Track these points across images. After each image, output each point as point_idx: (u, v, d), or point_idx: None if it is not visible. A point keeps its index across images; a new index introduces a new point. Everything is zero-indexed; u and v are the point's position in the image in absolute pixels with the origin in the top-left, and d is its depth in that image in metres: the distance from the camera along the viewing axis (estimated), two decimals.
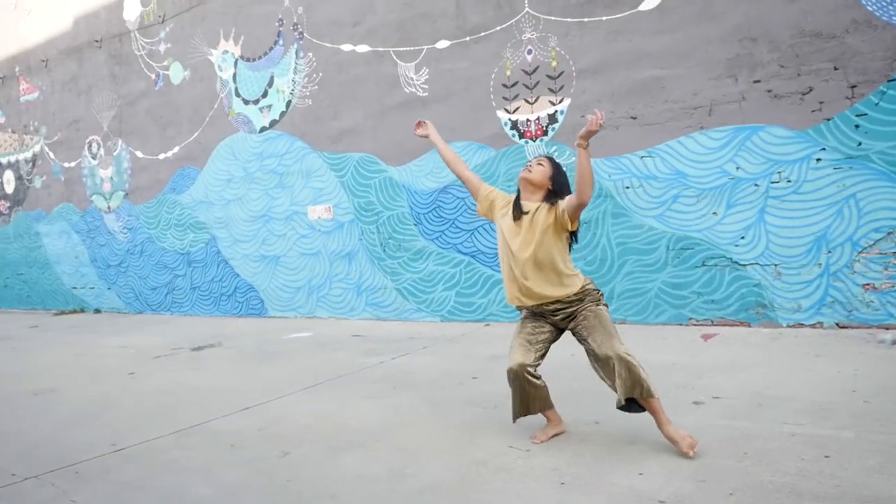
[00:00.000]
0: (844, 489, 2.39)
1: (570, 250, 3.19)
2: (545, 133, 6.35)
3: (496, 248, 6.64)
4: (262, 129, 8.53)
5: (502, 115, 6.60)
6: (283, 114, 8.31)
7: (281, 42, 8.27)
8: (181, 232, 9.58)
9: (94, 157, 10.68)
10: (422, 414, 3.75)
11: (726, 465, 2.69)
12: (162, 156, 9.75)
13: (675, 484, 2.55)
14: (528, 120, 6.44)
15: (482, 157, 6.74)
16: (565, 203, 3.03)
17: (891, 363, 4.05)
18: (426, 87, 7.10)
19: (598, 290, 3.20)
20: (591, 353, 3.05)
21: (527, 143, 6.46)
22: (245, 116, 8.70)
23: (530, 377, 3.12)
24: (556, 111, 6.28)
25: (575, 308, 3.12)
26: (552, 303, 3.12)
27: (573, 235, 3.16)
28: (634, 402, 2.94)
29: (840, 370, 3.97)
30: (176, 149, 9.56)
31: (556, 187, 3.15)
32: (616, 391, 2.95)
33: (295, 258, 8.32)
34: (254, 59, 8.56)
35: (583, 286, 3.14)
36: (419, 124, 3.56)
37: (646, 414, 3.33)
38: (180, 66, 9.43)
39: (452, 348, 5.62)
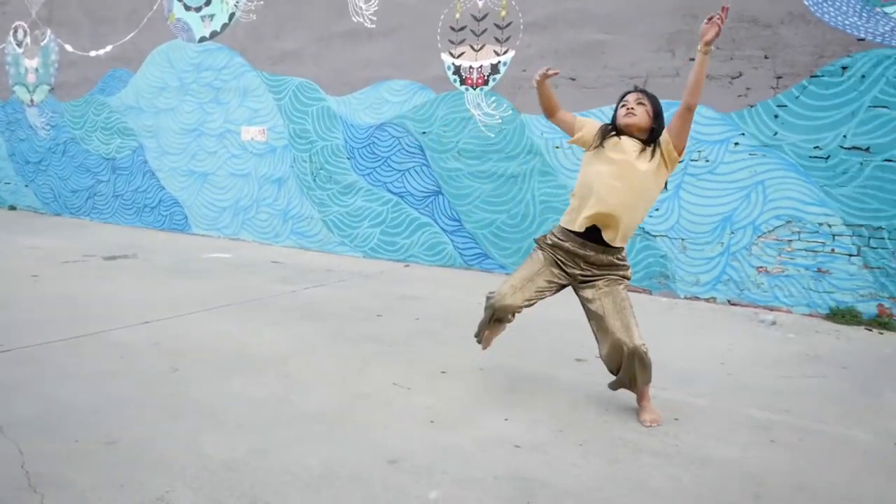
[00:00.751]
0: (680, 449, 2.64)
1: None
2: (486, 83, 6.35)
3: (425, 191, 6.71)
4: (202, 39, 8.19)
5: (447, 59, 6.55)
6: (224, 26, 7.99)
7: None
8: (108, 136, 9.21)
9: (19, 45, 10.04)
10: (320, 344, 3.85)
11: (586, 419, 2.91)
12: (93, 53, 9.25)
13: (536, 431, 2.76)
14: (471, 67, 6.41)
15: (422, 99, 6.71)
16: (665, 132, 2.84)
17: (763, 342, 4.38)
18: (374, 18, 6.95)
19: (629, 266, 3.04)
20: (602, 331, 2.93)
21: (467, 90, 6.45)
22: (185, 23, 8.32)
23: (504, 321, 3.13)
24: (500, 62, 6.27)
25: (601, 272, 2.95)
26: (601, 251, 2.92)
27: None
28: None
29: (717, 343, 4.28)
30: (109, 48, 9.08)
31: (658, 125, 2.89)
32: (613, 372, 2.97)
33: (224, 177, 8.16)
34: None
35: (624, 254, 3.00)
36: (538, 77, 2.98)
37: (526, 367, 3.53)
38: None
39: (367, 284, 5.72)
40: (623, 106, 2.94)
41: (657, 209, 5.61)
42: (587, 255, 2.94)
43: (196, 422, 2.69)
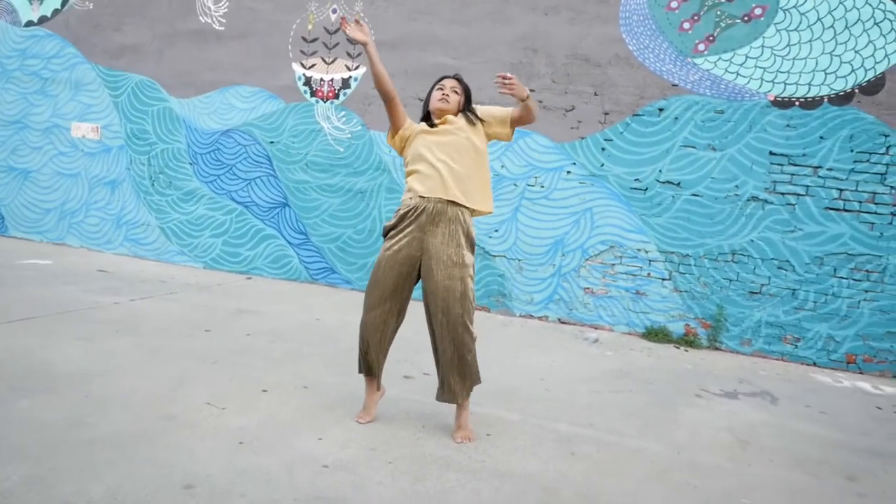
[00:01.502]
0: (486, 464, 2.74)
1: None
2: (336, 96, 6.33)
3: (271, 202, 6.54)
4: (29, 24, 7.48)
5: (298, 69, 6.45)
6: (56, 12, 7.35)
7: None
8: None
9: None
10: (132, 362, 3.61)
11: (401, 437, 2.94)
12: None
13: (348, 450, 2.75)
14: (321, 79, 6.36)
15: (271, 108, 6.55)
16: (508, 113, 3.01)
17: (583, 359, 4.68)
18: (224, 20, 6.70)
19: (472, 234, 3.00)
20: (434, 315, 2.94)
21: (317, 102, 6.39)
22: (9, 4, 7.55)
23: (372, 361, 3.04)
24: (351, 77, 6.28)
25: (446, 243, 2.89)
26: (455, 204, 2.91)
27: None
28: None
29: (542, 360, 4.51)
30: None
31: (468, 107, 3.06)
32: (438, 372, 2.99)
33: (49, 176, 7.47)
34: None
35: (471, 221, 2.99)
36: (352, 24, 2.99)
37: (351, 383, 3.52)
38: None
39: (201, 297, 5.45)
40: (439, 89, 3.05)
41: (496, 230, 5.85)
42: (437, 214, 2.90)
43: None
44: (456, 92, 3.04)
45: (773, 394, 4.28)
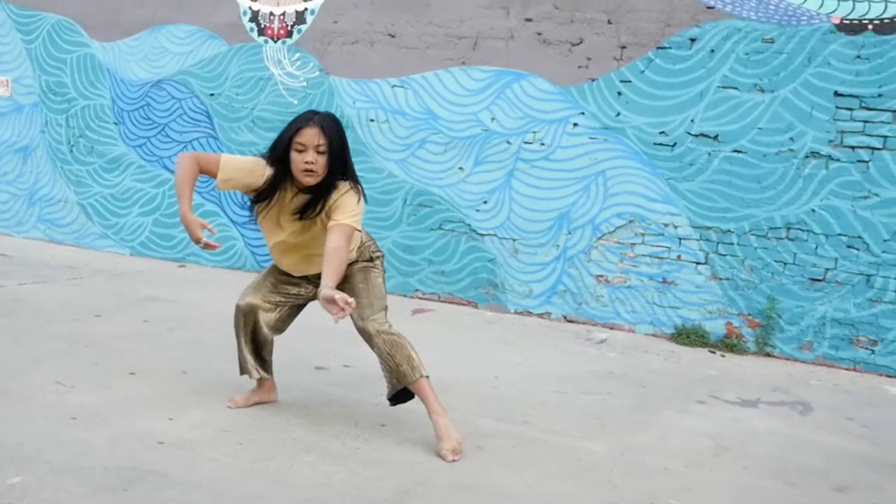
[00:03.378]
0: (362, 452, 3.19)
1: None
2: (289, 34, 6.87)
3: None
4: None
5: (242, 1, 7.04)
6: None
7: None
8: None
9: None
10: None
11: (271, 423, 3.41)
12: None
13: (197, 430, 3.24)
14: (271, 13, 6.92)
15: (211, 51, 7.15)
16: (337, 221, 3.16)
17: (571, 359, 5.03)
18: None
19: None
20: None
21: (266, 42, 6.95)
22: None
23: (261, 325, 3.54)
24: (306, 9, 6.81)
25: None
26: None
27: None
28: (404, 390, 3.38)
29: (511, 359, 4.89)
30: None
31: (337, 166, 3.23)
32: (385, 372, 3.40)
33: None
34: None
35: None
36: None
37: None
38: None
39: (110, 284, 6.08)
40: (300, 151, 3.14)
41: (485, 202, 6.24)
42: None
43: None
44: (321, 152, 3.14)
45: (811, 405, 4.51)
